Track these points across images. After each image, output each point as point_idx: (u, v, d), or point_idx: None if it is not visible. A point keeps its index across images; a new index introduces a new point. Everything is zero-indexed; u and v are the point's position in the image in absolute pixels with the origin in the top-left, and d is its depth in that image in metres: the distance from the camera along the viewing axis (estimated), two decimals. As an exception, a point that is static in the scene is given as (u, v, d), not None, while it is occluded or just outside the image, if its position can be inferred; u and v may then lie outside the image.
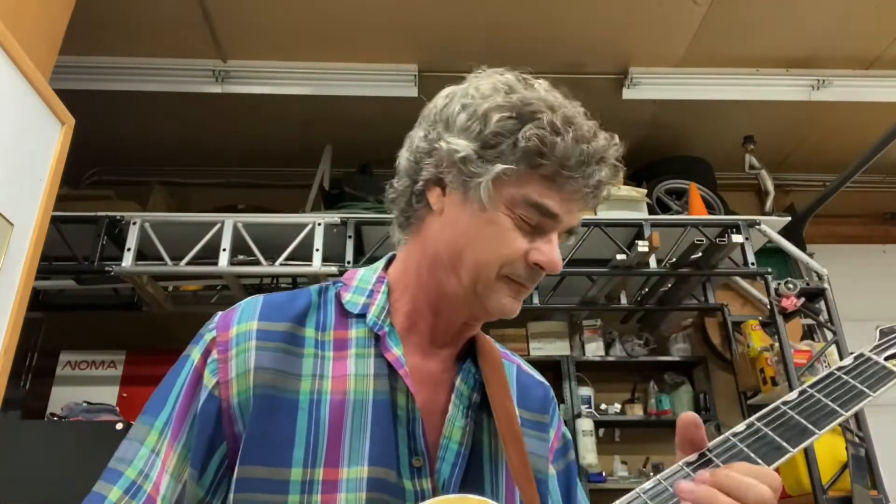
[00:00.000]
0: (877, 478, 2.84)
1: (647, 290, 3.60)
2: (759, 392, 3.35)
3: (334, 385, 0.70)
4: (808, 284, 3.26)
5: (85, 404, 3.09)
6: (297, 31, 3.35)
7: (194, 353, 0.74)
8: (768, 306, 3.26)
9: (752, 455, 0.57)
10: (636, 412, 3.81)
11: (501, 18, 3.27)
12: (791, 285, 3.20)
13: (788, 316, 3.22)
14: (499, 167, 0.69)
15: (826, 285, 3.28)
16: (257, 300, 0.76)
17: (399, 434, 0.70)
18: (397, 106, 3.65)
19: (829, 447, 2.88)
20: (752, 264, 3.28)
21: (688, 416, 0.61)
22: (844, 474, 2.80)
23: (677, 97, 3.69)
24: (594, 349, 3.84)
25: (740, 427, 0.59)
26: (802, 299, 3.20)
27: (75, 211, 3.15)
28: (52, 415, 3.26)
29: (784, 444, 0.57)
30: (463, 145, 0.71)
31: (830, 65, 3.63)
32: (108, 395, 3.47)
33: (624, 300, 3.63)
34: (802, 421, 0.57)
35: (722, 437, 0.58)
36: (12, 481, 2.42)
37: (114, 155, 4.27)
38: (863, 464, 2.82)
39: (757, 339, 3.42)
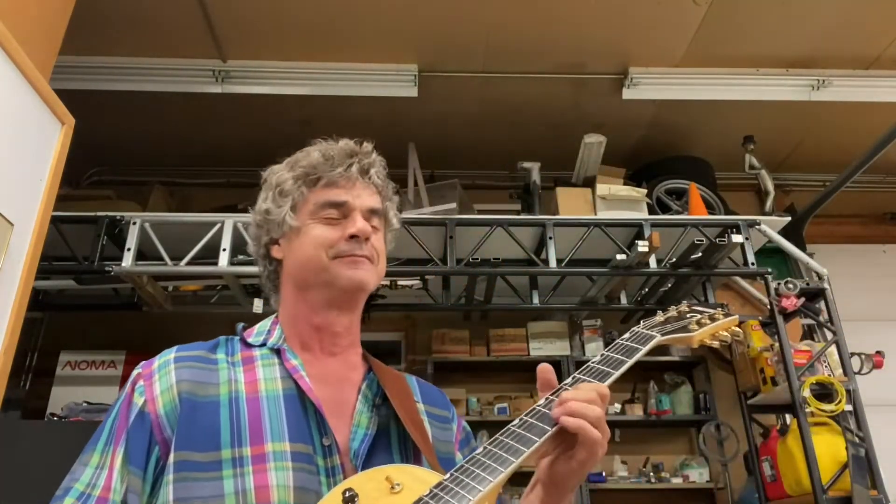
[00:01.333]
0: (877, 478, 2.84)
1: (647, 290, 3.60)
2: (758, 392, 3.35)
3: (248, 388, 0.87)
4: (808, 284, 3.26)
5: (85, 404, 3.09)
6: (297, 31, 3.36)
7: (125, 390, 0.89)
8: (768, 306, 3.26)
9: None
10: (636, 412, 3.81)
11: (501, 19, 3.27)
12: (791, 285, 3.21)
13: (788, 316, 3.22)
14: (289, 199, 0.95)
15: (826, 285, 3.28)
16: (173, 347, 0.93)
17: (309, 420, 0.85)
18: (397, 106, 3.66)
19: (829, 447, 2.88)
20: (752, 264, 3.28)
21: (543, 367, 0.86)
22: (844, 474, 2.80)
23: (677, 97, 3.69)
24: (594, 349, 3.84)
25: (568, 380, 0.85)
26: (802, 299, 3.21)
27: (75, 211, 3.15)
28: (52, 415, 3.26)
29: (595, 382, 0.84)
30: (264, 205, 0.98)
31: (830, 65, 3.63)
32: (108, 395, 3.47)
33: (624, 300, 3.63)
34: (604, 368, 0.86)
35: (562, 383, 0.85)
36: (12, 481, 2.42)
37: (114, 155, 4.28)
38: (863, 464, 2.82)
39: (757, 339, 3.42)
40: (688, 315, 1.04)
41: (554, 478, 0.80)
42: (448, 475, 0.71)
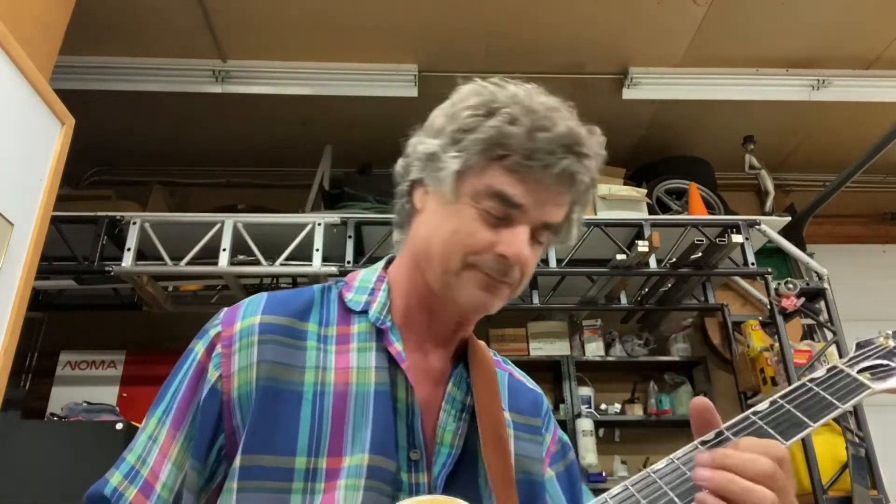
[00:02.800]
0: (877, 478, 2.84)
1: (647, 290, 3.60)
2: (759, 392, 3.36)
3: (337, 377, 0.72)
4: (808, 284, 3.26)
5: (85, 404, 3.09)
6: (297, 31, 3.35)
7: (198, 346, 0.76)
8: (768, 306, 3.26)
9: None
10: (636, 412, 3.81)
11: (501, 18, 3.27)
12: (791, 285, 3.20)
13: (788, 316, 3.22)
14: (460, 159, 0.72)
15: (826, 285, 3.28)
16: (262, 296, 0.78)
17: (398, 427, 0.71)
18: (397, 106, 3.65)
19: (829, 447, 2.88)
20: (752, 264, 3.28)
21: (700, 402, 0.64)
22: (844, 474, 2.80)
23: (677, 97, 3.69)
24: (594, 349, 3.83)
25: (710, 434, 0.61)
26: (802, 299, 3.20)
27: (75, 211, 3.15)
28: (52, 415, 3.26)
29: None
30: (432, 143, 0.75)
31: (830, 65, 3.62)
32: (108, 395, 3.47)
33: (624, 300, 3.63)
34: (771, 431, 0.59)
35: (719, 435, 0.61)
36: (12, 481, 2.42)
37: (114, 155, 4.27)
38: (863, 464, 2.82)
39: (757, 339, 3.42)
40: None
41: None
42: None
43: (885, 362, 0.66)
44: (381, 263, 0.85)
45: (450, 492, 0.70)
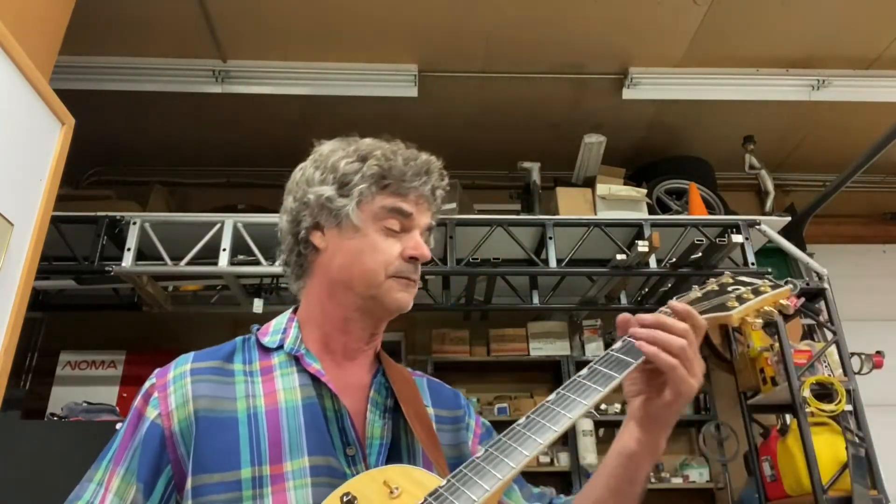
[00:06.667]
0: (877, 478, 2.84)
1: (647, 290, 3.60)
2: (758, 392, 3.35)
3: (266, 400, 0.83)
4: (808, 284, 3.26)
5: (85, 404, 3.09)
6: (297, 31, 3.36)
7: (137, 401, 0.86)
8: (768, 306, 3.26)
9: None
10: (636, 412, 3.80)
11: (501, 19, 3.27)
12: (791, 285, 3.20)
13: (788, 316, 3.22)
14: (357, 193, 0.88)
15: (826, 285, 3.28)
16: (189, 354, 0.90)
17: (331, 431, 0.82)
18: (397, 106, 3.66)
19: (829, 447, 2.88)
20: (752, 264, 3.28)
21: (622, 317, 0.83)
22: (844, 474, 2.80)
23: (677, 97, 3.69)
24: (594, 349, 3.84)
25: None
26: (802, 299, 3.20)
27: (75, 211, 3.15)
28: (52, 415, 3.26)
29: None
30: (325, 189, 0.90)
31: (830, 65, 3.63)
32: (108, 395, 3.48)
33: (624, 300, 3.63)
34: (607, 371, 0.77)
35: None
36: (12, 481, 2.42)
37: (114, 155, 4.27)
38: (863, 464, 2.82)
39: (757, 339, 3.41)
40: (729, 288, 0.92)
41: (649, 416, 0.80)
42: (449, 477, 0.70)
43: (703, 303, 0.88)
44: (288, 311, 0.97)
45: None
